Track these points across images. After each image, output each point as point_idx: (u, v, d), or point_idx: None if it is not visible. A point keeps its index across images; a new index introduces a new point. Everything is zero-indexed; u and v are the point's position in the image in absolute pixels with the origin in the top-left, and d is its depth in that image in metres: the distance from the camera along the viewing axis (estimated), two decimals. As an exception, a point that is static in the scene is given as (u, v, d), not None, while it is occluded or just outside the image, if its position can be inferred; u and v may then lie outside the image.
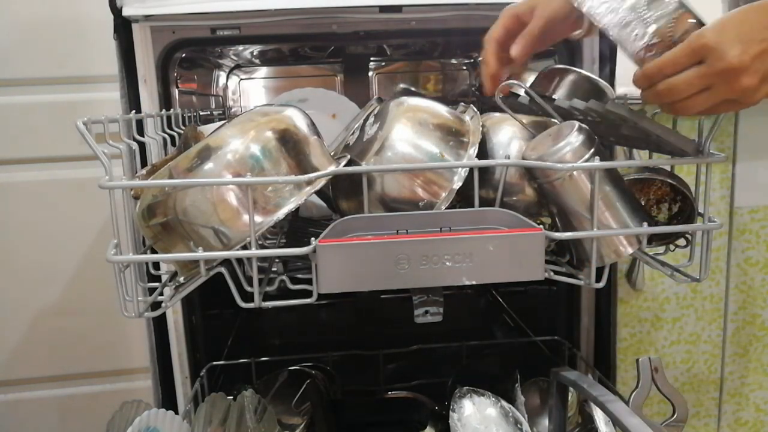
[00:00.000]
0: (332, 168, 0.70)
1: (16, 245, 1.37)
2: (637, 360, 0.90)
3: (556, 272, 0.72)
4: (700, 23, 0.64)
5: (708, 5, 1.30)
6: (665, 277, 0.76)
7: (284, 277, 0.73)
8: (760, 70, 0.59)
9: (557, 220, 0.72)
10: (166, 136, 0.94)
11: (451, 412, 0.89)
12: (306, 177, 0.66)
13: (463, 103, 0.84)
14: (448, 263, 0.61)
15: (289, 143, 0.68)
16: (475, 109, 0.78)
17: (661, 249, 0.79)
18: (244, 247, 0.64)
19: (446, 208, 0.71)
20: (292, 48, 1.33)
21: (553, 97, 0.79)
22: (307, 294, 0.66)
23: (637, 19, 0.65)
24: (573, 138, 0.67)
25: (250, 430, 0.87)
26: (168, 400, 1.04)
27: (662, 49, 0.63)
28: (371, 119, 0.78)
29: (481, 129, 0.75)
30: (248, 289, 0.69)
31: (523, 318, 1.36)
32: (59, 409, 1.46)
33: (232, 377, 1.20)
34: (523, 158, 0.71)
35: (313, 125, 0.73)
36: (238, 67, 1.46)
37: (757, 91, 0.60)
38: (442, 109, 0.76)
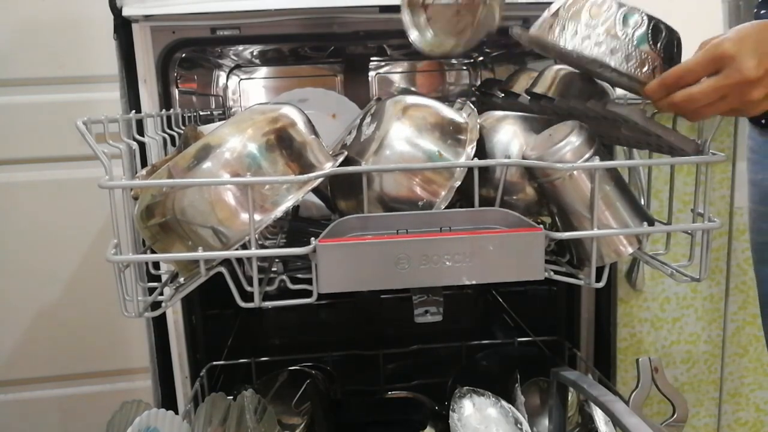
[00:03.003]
0: (330, 165, 0.70)
1: (16, 245, 1.37)
2: (637, 360, 0.90)
3: (556, 272, 0.72)
4: (670, 30, 0.67)
5: (709, 6, 1.30)
6: (665, 277, 0.76)
7: (284, 277, 0.72)
8: None
9: (557, 219, 0.72)
10: (166, 136, 0.94)
11: (451, 412, 0.89)
12: (306, 177, 0.66)
13: (459, 101, 0.83)
14: (448, 263, 0.61)
15: (286, 141, 0.68)
16: (473, 106, 0.78)
17: (661, 248, 0.79)
18: (244, 247, 0.64)
19: (446, 208, 0.71)
20: (292, 48, 1.33)
21: (553, 96, 0.79)
22: (307, 294, 0.66)
23: (623, 44, 0.66)
24: (573, 138, 0.67)
25: (250, 430, 0.87)
26: (168, 400, 1.04)
27: (661, 67, 0.66)
28: (368, 119, 0.77)
29: (478, 126, 0.75)
30: (248, 288, 0.69)
31: (523, 318, 1.36)
32: (59, 409, 1.46)
33: (232, 377, 1.20)
34: (523, 158, 0.71)
35: (309, 123, 0.73)
36: (238, 67, 1.46)
37: (761, 104, 0.62)
38: (439, 107, 0.76)
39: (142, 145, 0.89)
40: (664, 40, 0.67)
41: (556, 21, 0.69)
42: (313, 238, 0.61)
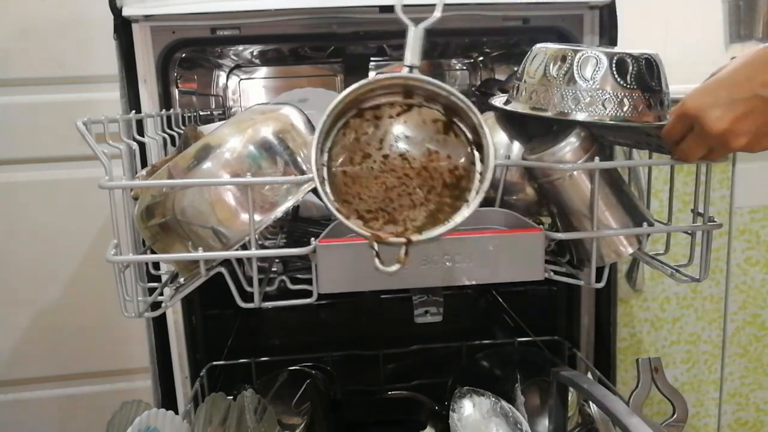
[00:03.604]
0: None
1: (16, 245, 1.37)
2: (637, 360, 0.90)
3: (556, 272, 0.72)
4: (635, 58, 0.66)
5: (709, 6, 1.30)
6: (665, 277, 0.76)
7: (284, 277, 0.73)
8: (749, 130, 0.57)
9: (557, 219, 0.72)
10: (166, 136, 0.94)
11: (451, 412, 0.89)
12: (306, 177, 0.66)
13: None
14: (448, 263, 0.61)
15: (286, 141, 0.68)
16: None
17: (661, 248, 0.79)
18: (244, 247, 0.64)
19: (446, 208, 0.71)
20: (292, 48, 1.32)
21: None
22: (307, 294, 0.66)
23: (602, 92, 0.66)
24: (573, 138, 0.67)
25: (250, 430, 0.87)
26: (168, 400, 1.04)
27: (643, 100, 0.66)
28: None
29: None
30: (248, 289, 0.69)
31: (523, 318, 1.36)
32: (59, 409, 1.46)
33: (232, 377, 1.20)
34: (524, 158, 0.71)
35: (309, 123, 0.73)
36: (238, 67, 1.46)
37: (754, 147, 0.58)
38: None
39: (142, 145, 0.89)
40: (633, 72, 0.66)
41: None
42: (313, 239, 0.61)
